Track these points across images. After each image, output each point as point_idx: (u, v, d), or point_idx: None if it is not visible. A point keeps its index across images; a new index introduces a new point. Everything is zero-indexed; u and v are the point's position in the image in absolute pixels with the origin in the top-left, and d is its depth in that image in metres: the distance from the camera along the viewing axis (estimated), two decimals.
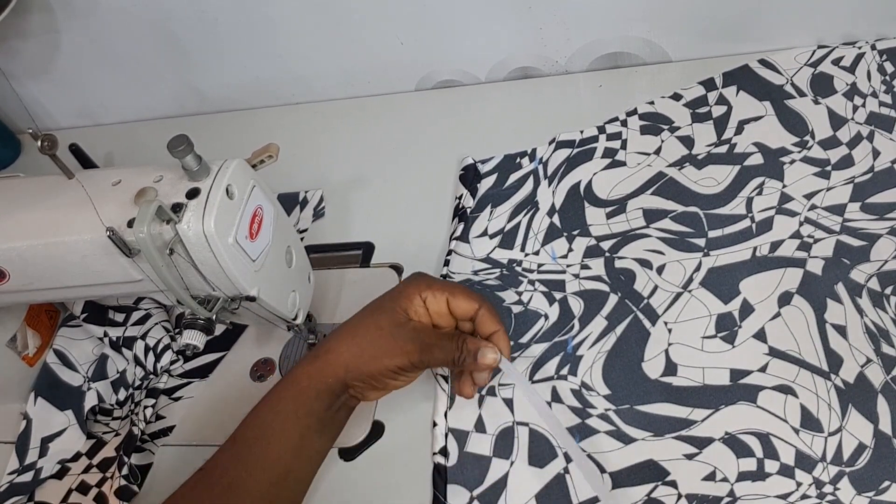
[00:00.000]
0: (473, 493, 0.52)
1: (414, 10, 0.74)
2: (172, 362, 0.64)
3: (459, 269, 0.65)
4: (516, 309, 0.61)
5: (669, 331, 0.57)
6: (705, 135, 0.68)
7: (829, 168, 0.62)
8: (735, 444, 0.50)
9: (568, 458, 0.52)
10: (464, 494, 0.53)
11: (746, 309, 0.56)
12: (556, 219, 0.66)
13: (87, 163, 0.63)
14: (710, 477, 0.50)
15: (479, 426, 0.55)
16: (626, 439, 0.53)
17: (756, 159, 0.65)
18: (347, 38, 0.78)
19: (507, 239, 0.66)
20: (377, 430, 0.58)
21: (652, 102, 0.72)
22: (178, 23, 0.78)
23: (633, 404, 0.54)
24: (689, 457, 0.51)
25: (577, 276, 0.62)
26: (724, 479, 0.49)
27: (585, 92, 0.76)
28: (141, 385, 0.64)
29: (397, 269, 0.68)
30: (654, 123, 0.70)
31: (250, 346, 0.66)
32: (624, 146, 0.69)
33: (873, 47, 0.69)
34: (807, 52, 0.70)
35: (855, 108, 0.65)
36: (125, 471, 0.58)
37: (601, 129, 0.71)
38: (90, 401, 0.62)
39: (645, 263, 0.61)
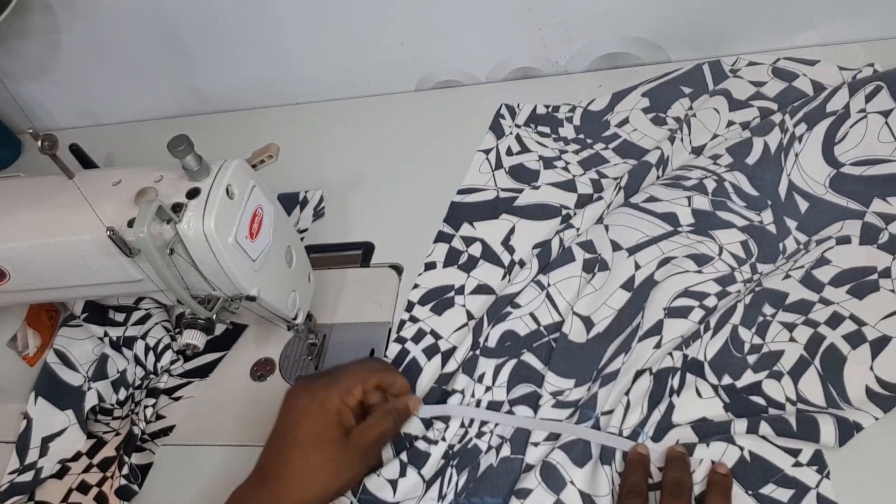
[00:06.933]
0: None
1: (414, 10, 0.74)
2: (173, 362, 0.65)
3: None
4: None
5: None
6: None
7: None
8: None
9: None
10: None
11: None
12: None
13: (87, 163, 0.63)
14: None
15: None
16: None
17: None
18: (347, 38, 0.78)
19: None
20: None
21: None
22: (178, 23, 0.79)
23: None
24: None
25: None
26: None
27: (585, 92, 0.76)
28: (141, 385, 0.64)
29: (397, 269, 0.67)
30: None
31: (250, 345, 0.66)
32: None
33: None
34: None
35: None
36: (125, 470, 0.58)
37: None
38: (90, 400, 0.62)
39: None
